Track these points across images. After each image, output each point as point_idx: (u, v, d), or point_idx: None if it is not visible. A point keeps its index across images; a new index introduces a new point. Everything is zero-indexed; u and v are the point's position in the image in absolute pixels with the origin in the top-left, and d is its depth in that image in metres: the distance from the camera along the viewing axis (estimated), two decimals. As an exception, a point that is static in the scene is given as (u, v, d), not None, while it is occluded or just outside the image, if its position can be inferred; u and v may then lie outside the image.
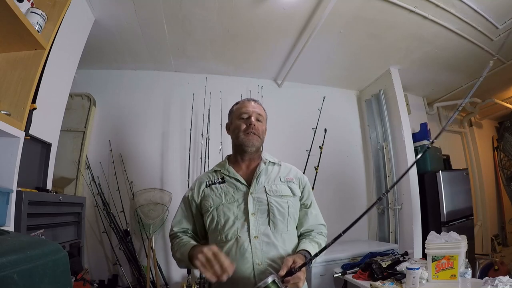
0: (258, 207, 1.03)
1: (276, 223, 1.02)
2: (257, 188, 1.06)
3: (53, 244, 0.58)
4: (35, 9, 1.22)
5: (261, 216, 1.02)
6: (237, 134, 1.13)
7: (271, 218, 1.02)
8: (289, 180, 1.12)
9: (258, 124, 1.13)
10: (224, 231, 1.01)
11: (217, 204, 1.06)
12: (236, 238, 0.99)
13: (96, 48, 2.43)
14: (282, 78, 3.12)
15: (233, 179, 1.10)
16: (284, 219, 1.04)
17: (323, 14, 2.04)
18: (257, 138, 1.12)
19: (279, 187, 1.08)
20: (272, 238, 1.00)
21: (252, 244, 0.97)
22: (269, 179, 1.10)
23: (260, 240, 0.98)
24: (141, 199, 2.51)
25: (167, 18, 2.17)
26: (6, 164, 1.14)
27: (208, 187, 1.12)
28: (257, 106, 1.18)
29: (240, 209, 1.03)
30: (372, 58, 2.80)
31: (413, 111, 3.35)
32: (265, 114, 1.20)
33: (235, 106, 1.21)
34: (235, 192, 1.06)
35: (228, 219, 1.02)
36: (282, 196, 1.07)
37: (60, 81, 1.72)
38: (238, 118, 1.15)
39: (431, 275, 1.67)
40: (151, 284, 2.36)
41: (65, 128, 2.30)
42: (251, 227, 0.99)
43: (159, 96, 2.93)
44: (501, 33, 2.40)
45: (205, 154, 2.62)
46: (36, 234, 1.30)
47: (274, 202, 1.04)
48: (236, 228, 1.00)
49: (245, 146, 1.11)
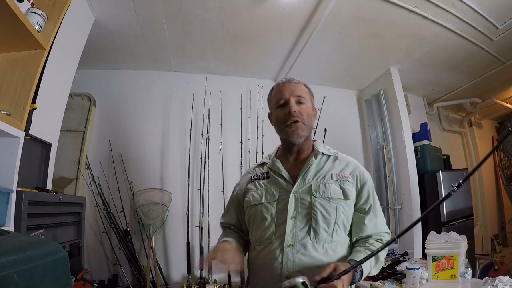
0: (300, 210, 0.89)
1: (318, 231, 0.86)
2: (303, 186, 0.91)
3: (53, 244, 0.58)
4: (35, 9, 1.22)
5: (302, 221, 0.88)
6: (280, 126, 0.97)
7: (313, 225, 0.87)
8: (343, 178, 0.93)
9: (300, 107, 0.95)
10: (259, 232, 0.92)
11: (256, 202, 0.95)
12: (270, 243, 0.88)
13: (96, 48, 2.43)
14: (282, 78, 3.11)
15: (277, 174, 0.97)
16: (329, 227, 0.87)
17: (323, 14, 2.04)
18: (302, 126, 0.94)
19: (328, 187, 0.90)
20: (310, 248, 0.85)
21: (285, 254, 0.85)
22: (319, 175, 0.93)
23: (295, 250, 0.85)
24: (141, 199, 2.51)
25: (167, 18, 2.17)
26: (6, 164, 1.14)
27: (252, 182, 1.02)
28: (295, 85, 0.98)
29: (278, 211, 0.90)
30: (372, 58, 2.80)
31: (413, 111, 3.35)
32: (308, 91, 1.02)
33: (271, 93, 1.04)
34: (277, 190, 0.93)
35: (265, 220, 0.91)
36: (331, 198, 0.89)
37: (60, 81, 1.72)
38: (276, 106, 0.98)
39: (431, 275, 1.67)
40: (151, 284, 2.36)
41: (65, 128, 2.30)
42: (287, 233, 0.86)
43: (159, 96, 2.93)
44: (501, 33, 2.40)
45: (205, 154, 2.62)
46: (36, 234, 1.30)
47: (319, 205, 0.88)
48: (271, 232, 0.89)
49: (291, 139, 0.95)
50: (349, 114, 3.45)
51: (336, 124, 3.17)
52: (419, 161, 2.90)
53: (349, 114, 3.45)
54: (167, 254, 2.61)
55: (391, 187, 2.89)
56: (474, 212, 3.39)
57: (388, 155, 2.96)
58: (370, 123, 3.25)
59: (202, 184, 2.59)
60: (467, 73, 3.16)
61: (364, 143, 3.37)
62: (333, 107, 3.12)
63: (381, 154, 3.04)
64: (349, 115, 3.44)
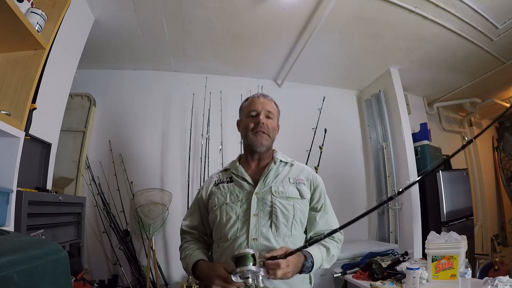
0: (262, 208, 0.99)
1: (279, 226, 0.97)
2: (263, 188, 1.03)
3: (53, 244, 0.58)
4: (35, 9, 1.22)
5: (264, 217, 0.98)
6: (246, 133, 1.09)
7: (274, 221, 0.97)
8: (299, 181, 1.06)
9: (268, 121, 1.08)
10: (224, 230, 1.00)
11: (221, 203, 1.04)
12: (235, 239, 0.97)
13: (96, 48, 2.43)
14: (282, 78, 3.12)
15: (240, 178, 1.07)
16: (288, 222, 0.98)
17: (323, 14, 2.04)
18: (267, 137, 1.07)
19: (286, 189, 1.03)
20: (273, 241, 0.95)
21: (250, 246, 0.93)
22: (278, 179, 1.05)
23: (259, 243, 0.95)
24: (141, 199, 2.51)
25: (167, 18, 2.17)
26: (6, 164, 1.14)
27: (215, 186, 1.10)
28: (267, 101, 1.11)
29: (242, 209, 1.00)
30: (372, 58, 2.80)
31: (413, 111, 3.35)
32: (277, 109, 1.15)
33: (244, 103, 1.16)
34: (240, 192, 1.04)
35: (230, 218, 1.00)
36: (288, 198, 1.01)
37: (60, 81, 1.72)
38: (247, 116, 1.11)
39: (431, 275, 1.68)
40: (151, 284, 2.36)
41: (65, 128, 2.30)
42: (251, 228, 0.96)
43: (159, 96, 2.93)
44: (501, 33, 2.40)
45: (205, 154, 2.62)
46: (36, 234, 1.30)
47: (278, 204, 0.99)
48: (236, 229, 0.98)
49: (254, 146, 1.07)
50: (349, 114, 3.45)
51: (336, 124, 3.17)
52: (419, 161, 2.90)
53: (349, 114, 3.45)
54: (167, 254, 2.60)
55: (391, 187, 2.89)
56: (474, 212, 3.39)
57: (388, 155, 2.96)
58: (370, 123, 3.25)
59: (202, 184, 2.59)
60: (467, 73, 3.16)
61: (364, 143, 3.37)
62: (333, 107, 3.13)
63: (381, 154, 3.04)
64: (349, 115, 3.44)
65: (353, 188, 3.20)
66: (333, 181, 3.05)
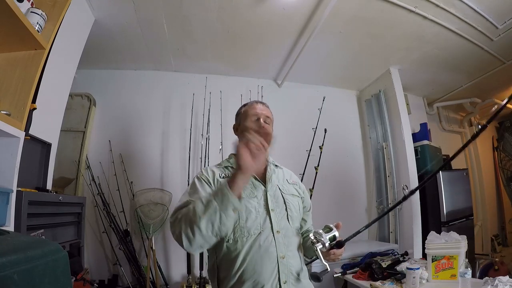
0: (276, 203, 1.06)
1: (294, 218, 1.07)
2: (272, 186, 1.09)
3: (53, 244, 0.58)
4: (35, 9, 1.22)
5: (280, 212, 1.05)
6: None
7: (289, 214, 1.06)
8: (293, 182, 1.19)
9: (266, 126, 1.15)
10: (246, 225, 0.99)
11: None
12: (260, 233, 0.98)
13: (96, 48, 2.43)
14: (282, 78, 3.12)
15: None
16: (298, 216, 1.11)
17: (323, 14, 2.04)
18: None
19: (289, 187, 1.14)
20: (290, 233, 1.04)
21: (276, 238, 0.99)
22: (279, 179, 1.15)
23: (282, 234, 1.01)
24: (141, 199, 2.50)
25: (167, 18, 2.17)
26: (6, 164, 1.14)
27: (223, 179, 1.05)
28: (265, 108, 1.20)
29: (260, 205, 1.03)
30: (372, 58, 2.80)
31: (413, 111, 3.35)
32: (272, 117, 1.22)
33: (243, 108, 1.23)
34: (253, 189, 1.06)
35: (251, 213, 1.00)
36: (293, 195, 1.12)
37: (60, 81, 1.72)
38: (246, 120, 1.17)
39: (431, 275, 1.68)
40: (151, 284, 2.36)
41: (65, 128, 2.30)
42: (273, 222, 1.01)
43: (159, 96, 2.93)
44: (501, 33, 2.40)
45: (205, 154, 2.62)
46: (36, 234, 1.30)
47: (289, 199, 1.09)
48: (259, 223, 1.00)
49: None
50: (349, 114, 3.45)
51: (336, 124, 3.17)
52: (419, 161, 2.90)
53: (349, 114, 3.45)
54: (167, 254, 2.60)
55: (391, 187, 2.89)
56: (474, 212, 3.38)
57: (388, 155, 2.96)
58: (370, 123, 3.25)
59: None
60: (467, 73, 3.16)
61: (364, 143, 3.37)
62: (333, 107, 3.13)
63: (381, 154, 3.04)
64: (349, 115, 3.44)
65: (353, 188, 3.20)
66: (333, 181, 3.05)
